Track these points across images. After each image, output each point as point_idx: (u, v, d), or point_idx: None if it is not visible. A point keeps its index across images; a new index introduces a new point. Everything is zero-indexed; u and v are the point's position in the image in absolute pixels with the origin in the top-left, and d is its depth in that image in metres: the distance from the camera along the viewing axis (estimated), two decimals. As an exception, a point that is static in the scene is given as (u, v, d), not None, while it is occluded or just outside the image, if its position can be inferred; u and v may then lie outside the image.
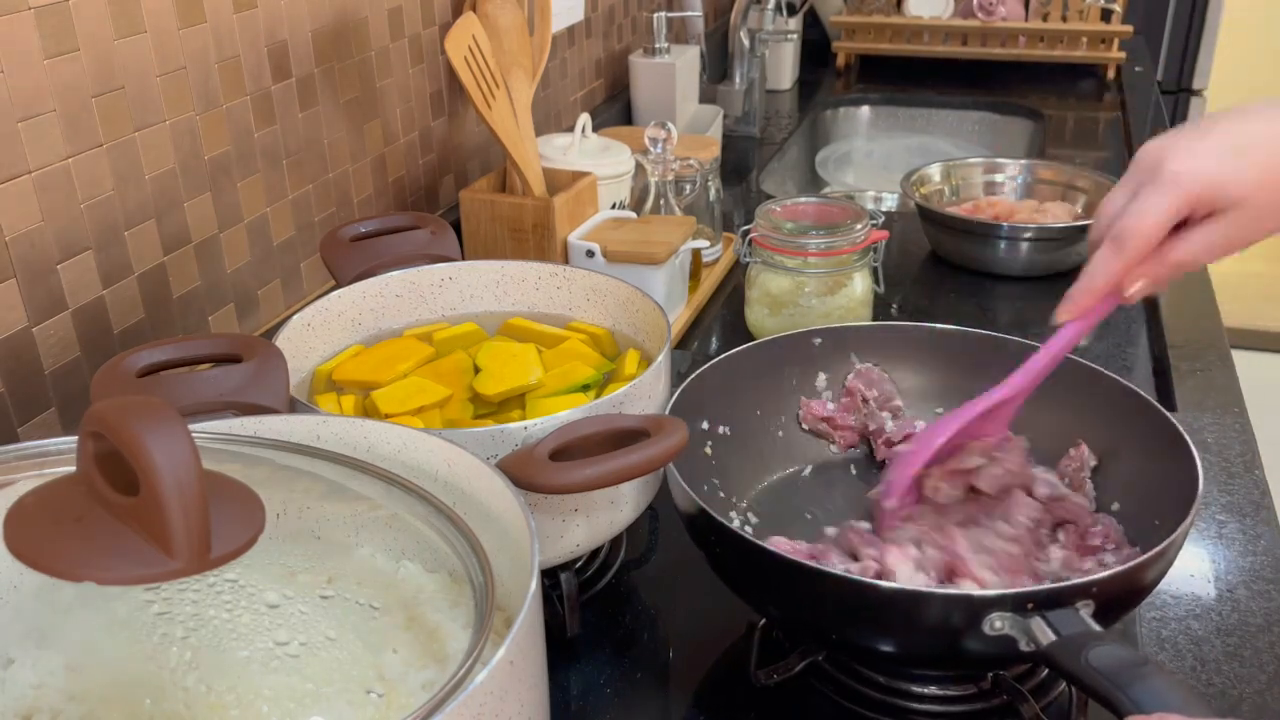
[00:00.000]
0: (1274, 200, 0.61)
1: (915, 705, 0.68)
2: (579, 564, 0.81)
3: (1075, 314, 0.69)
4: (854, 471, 0.85)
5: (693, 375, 0.79)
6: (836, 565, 0.70)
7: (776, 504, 0.82)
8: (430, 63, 1.18)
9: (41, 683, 0.46)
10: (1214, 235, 0.63)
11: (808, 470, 0.85)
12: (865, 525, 0.75)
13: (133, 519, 0.39)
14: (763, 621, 0.69)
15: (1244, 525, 0.83)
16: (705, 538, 0.67)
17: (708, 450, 0.80)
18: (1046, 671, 0.69)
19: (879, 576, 0.68)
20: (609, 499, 0.70)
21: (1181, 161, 0.62)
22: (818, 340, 0.87)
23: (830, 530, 0.76)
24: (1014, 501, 0.74)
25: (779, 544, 0.71)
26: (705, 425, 0.80)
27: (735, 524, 0.76)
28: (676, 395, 0.76)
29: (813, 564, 0.61)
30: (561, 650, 0.73)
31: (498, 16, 1.08)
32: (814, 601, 0.62)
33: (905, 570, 0.68)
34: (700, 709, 0.69)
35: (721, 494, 0.79)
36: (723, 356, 0.82)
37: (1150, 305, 1.17)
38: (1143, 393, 0.76)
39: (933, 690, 0.69)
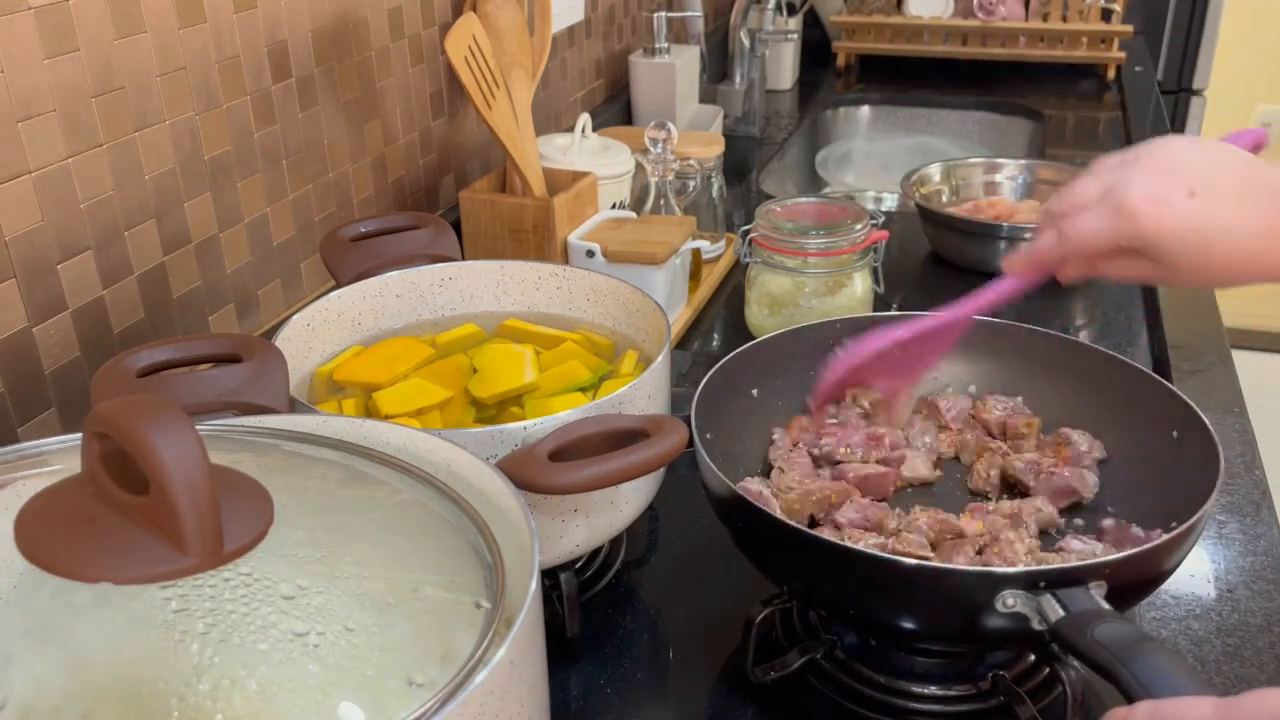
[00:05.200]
0: (1200, 278, 0.65)
1: (914, 705, 0.68)
2: (579, 564, 0.81)
3: (1017, 271, 0.72)
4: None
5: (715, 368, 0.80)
6: (859, 541, 0.72)
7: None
8: (430, 63, 1.18)
9: (48, 680, 0.46)
10: (1140, 270, 0.67)
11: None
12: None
13: (144, 518, 0.40)
14: (760, 617, 0.69)
15: (1244, 525, 0.83)
16: (729, 514, 0.68)
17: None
18: (1045, 673, 0.69)
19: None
20: (609, 499, 0.70)
21: (1152, 209, 0.63)
22: (839, 325, 0.87)
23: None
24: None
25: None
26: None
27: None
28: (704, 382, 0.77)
29: (840, 542, 0.63)
30: (561, 650, 0.73)
31: (498, 16, 1.08)
32: (838, 577, 0.63)
33: None
34: (700, 709, 0.69)
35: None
36: (749, 345, 0.83)
37: (1150, 306, 1.18)
38: (1161, 378, 0.77)
39: (931, 690, 0.69)
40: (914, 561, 0.60)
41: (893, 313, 1.16)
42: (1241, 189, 0.63)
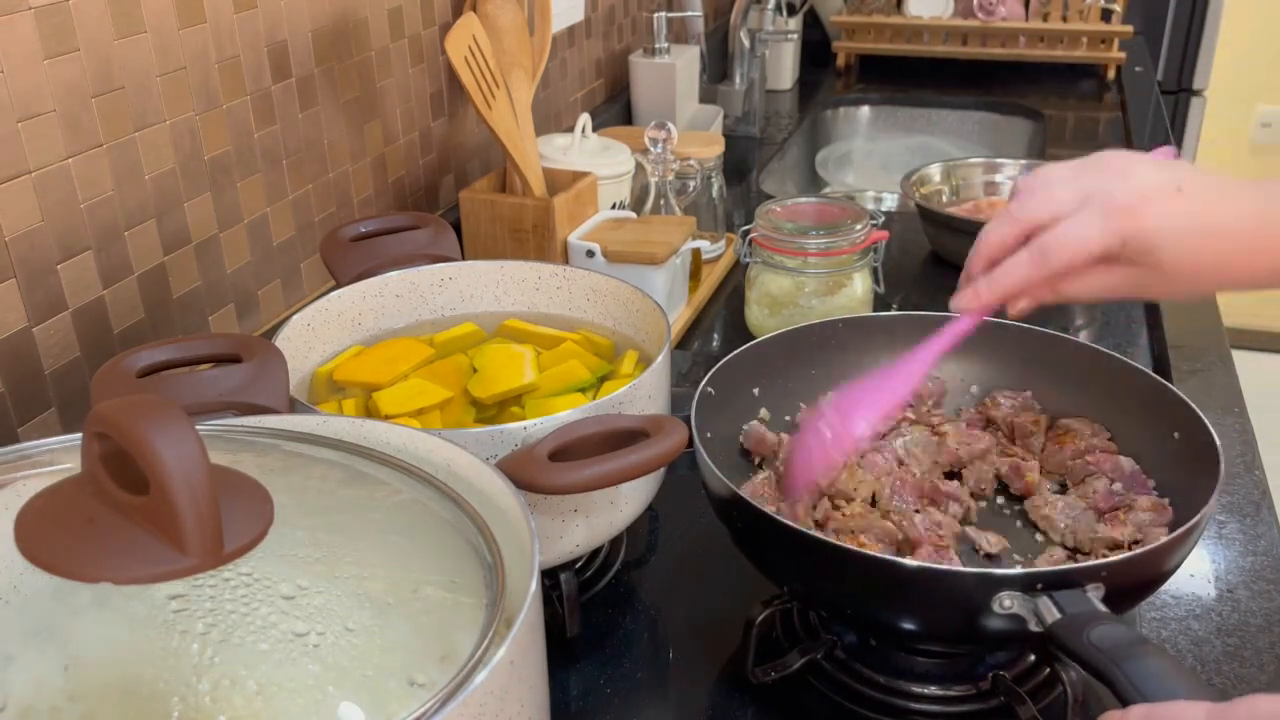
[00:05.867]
0: (1188, 282, 0.61)
1: (914, 705, 0.68)
2: (579, 564, 0.81)
3: (976, 307, 0.67)
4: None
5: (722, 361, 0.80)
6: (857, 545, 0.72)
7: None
8: (430, 63, 1.18)
9: (48, 680, 0.46)
10: (1117, 281, 0.62)
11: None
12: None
13: (144, 518, 0.40)
14: (760, 618, 0.69)
15: (1244, 525, 0.83)
16: (729, 514, 0.68)
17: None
18: (1046, 673, 0.69)
19: None
20: (609, 499, 0.70)
21: (1147, 204, 0.60)
22: (840, 325, 0.87)
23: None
24: None
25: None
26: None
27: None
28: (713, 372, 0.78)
29: (840, 544, 0.63)
30: (561, 650, 0.73)
31: (498, 16, 1.08)
32: (837, 577, 0.63)
33: None
34: (700, 709, 0.69)
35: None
36: (756, 341, 0.84)
37: (1150, 305, 1.17)
38: (1161, 378, 0.76)
39: (932, 690, 0.69)
40: (913, 563, 0.60)
41: (894, 311, 1.16)
42: (1219, 186, 0.61)
